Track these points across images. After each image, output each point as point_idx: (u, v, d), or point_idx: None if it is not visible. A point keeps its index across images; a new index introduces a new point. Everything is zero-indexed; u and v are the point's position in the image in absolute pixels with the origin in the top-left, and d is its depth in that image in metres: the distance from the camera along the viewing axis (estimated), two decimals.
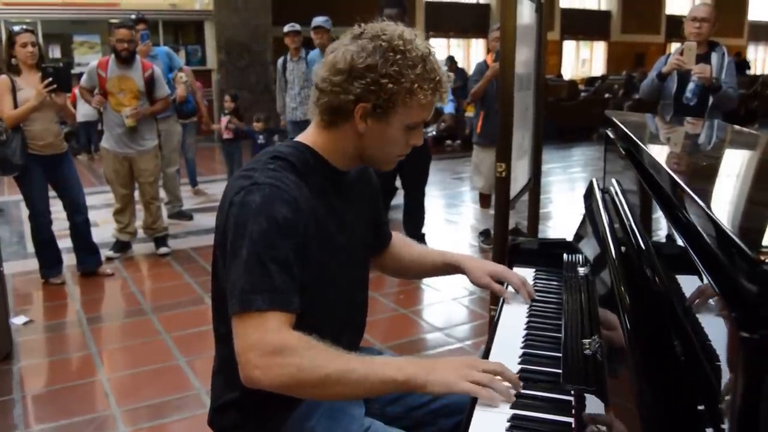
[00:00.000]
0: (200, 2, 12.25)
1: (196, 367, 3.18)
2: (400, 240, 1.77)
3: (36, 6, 11.16)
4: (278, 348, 1.17)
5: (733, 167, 1.56)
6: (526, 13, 3.17)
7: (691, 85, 3.94)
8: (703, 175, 1.39)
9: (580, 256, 1.76)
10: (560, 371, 1.29)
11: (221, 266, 1.28)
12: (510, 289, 1.72)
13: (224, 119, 6.89)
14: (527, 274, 1.87)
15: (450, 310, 3.97)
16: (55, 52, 11.00)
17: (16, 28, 4.14)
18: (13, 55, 4.07)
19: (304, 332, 1.22)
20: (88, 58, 9.76)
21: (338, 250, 1.40)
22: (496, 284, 1.68)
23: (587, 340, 1.27)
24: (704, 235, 0.89)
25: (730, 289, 0.76)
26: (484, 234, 5.26)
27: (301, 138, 1.41)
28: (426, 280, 4.27)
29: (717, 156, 1.80)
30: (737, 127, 2.18)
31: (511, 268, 1.91)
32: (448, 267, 1.72)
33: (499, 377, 1.23)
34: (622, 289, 1.19)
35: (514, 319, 1.61)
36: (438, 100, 1.34)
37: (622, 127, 1.86)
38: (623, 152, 1.75)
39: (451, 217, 6.51)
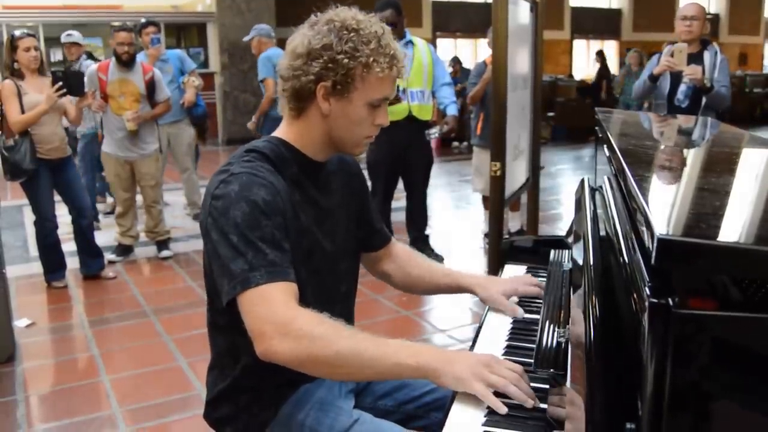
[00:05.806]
0: (202, 4, 12.24)
1: (197, 368, 3.20)
2: (406, 253, 1.73)
3: (37, 9, 11.17)
4: (290, 321, 1.18)
5: (684, 159, 1.61)
6: (521, 13, 3.18)
7: (682, 87, 3.90)
8: (650, 163, 1.44)
9: (567, 253, 1.77)
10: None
11: (213, 258, 1.29)
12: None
13: None
14: (519, 271, 1.89)
15: (452, 311, 3.97)
16: (56, 56, 10.98)
17: (18, 32, 4.16)
18: (15, 60, 4.09)
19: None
20: (90, 62, 9.74)
21: (316, 238, 1.42)
22: (508, 303, 1.61)
23: (561, 330, 1.31)
24: (637, 216, 0.97)
25: (647, 262, 0.86)
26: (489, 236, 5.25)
27: (274, 133, 1.45)
28: None
29: (674, 149, 1.84)
30: (718, 123, 2.19)
31: (503, 266, 1.92)
32: (458, 287, 1.69)
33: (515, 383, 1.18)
34: (589, 281, 1.21)
35: (500, 316, 1.62)
36: (396, 75, 1.36)
37: (600, 120, 1.89)
38: (605, 148, 1.78)
39: (457, 219, 6.49)
